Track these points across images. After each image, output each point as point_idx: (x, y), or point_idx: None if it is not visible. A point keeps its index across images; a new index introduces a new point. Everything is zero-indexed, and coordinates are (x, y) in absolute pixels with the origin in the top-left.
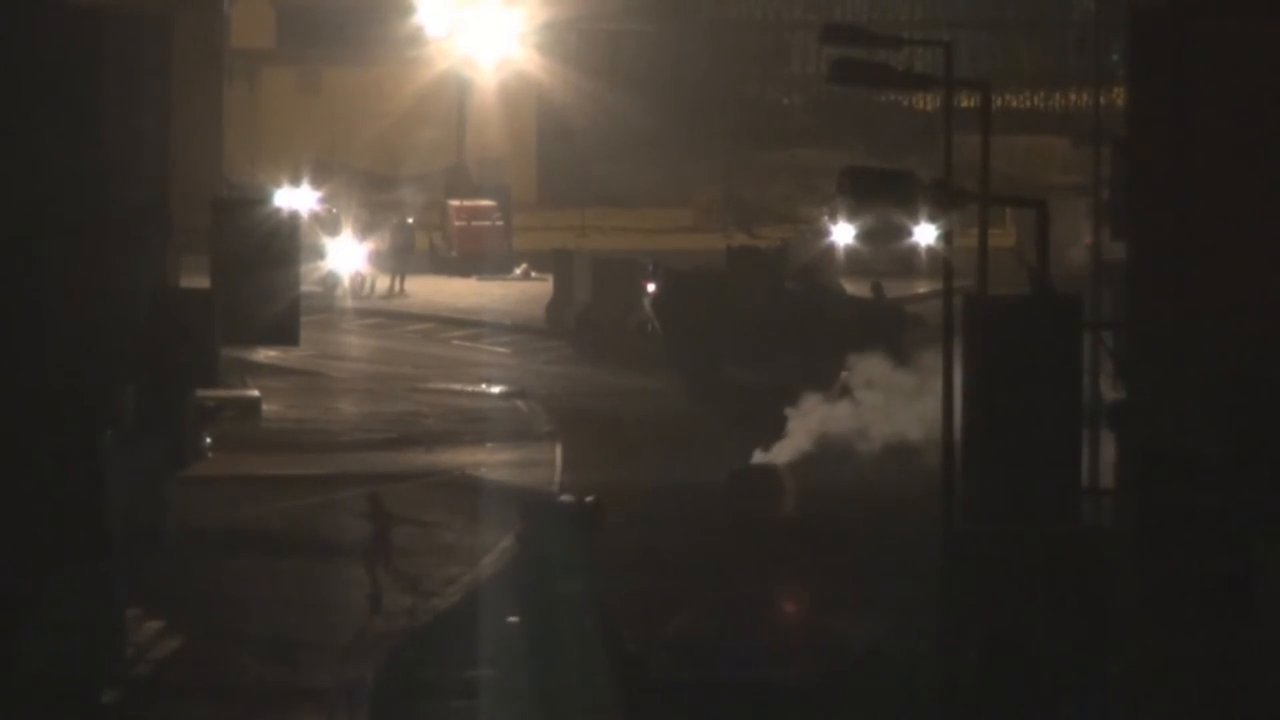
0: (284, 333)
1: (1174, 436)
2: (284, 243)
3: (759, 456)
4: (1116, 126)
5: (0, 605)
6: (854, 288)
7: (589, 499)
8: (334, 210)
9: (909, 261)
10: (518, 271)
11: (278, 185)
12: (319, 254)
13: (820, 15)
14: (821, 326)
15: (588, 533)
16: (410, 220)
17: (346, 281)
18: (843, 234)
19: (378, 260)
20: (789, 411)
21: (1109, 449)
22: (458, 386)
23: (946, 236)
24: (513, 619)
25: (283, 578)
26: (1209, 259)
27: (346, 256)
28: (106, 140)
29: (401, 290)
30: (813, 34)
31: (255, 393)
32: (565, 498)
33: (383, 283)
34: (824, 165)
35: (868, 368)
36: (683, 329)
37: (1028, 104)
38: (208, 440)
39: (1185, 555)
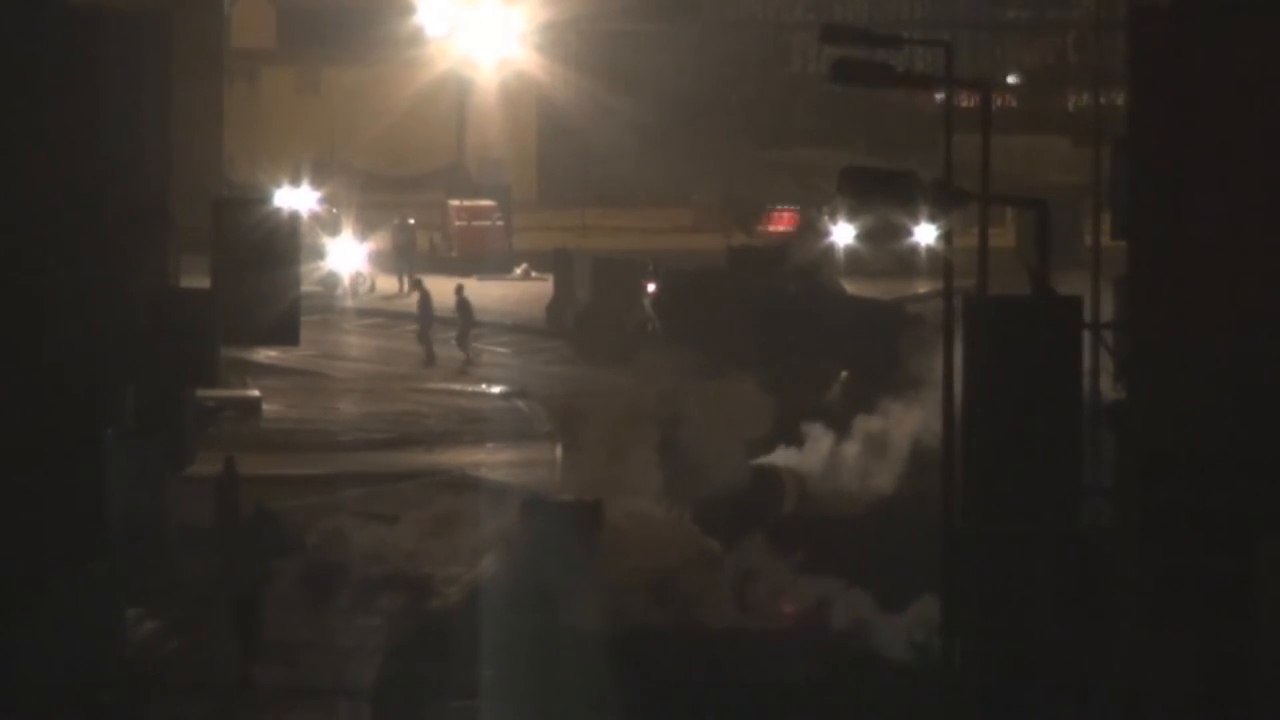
0: (284, 333)
1: (1174, 436)
2: (284, 243)
3: (764, 457)
4: (1116, 126)
5: (1, 605)
6: (854, 287)
7: (590, 499)
8: (334, 210)
9: (909, 261)
10: (518, 271)
11: (278, 185)
12: (319, 254)
13: (821, 15)
14: (821, 326)
15: (589, 533)
16: (411, 220)
17: (347, 281)
18: (843, 234)
19: (379, 260)
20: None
21: (1109, 449)
22: (458, 386)
23: (946, 236)
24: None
25: (282, 577)
26: (1209, 258)
27: (346, 256)
28: (106, 140)
29: (409, 290)
30: (813, 34)
31: (255, 393)
32: (566, 498)
33: (385, 283)
34: (824, 165)
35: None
36: (683, 329)
37: (1028, 104)
38: None
39: (1185, 555)
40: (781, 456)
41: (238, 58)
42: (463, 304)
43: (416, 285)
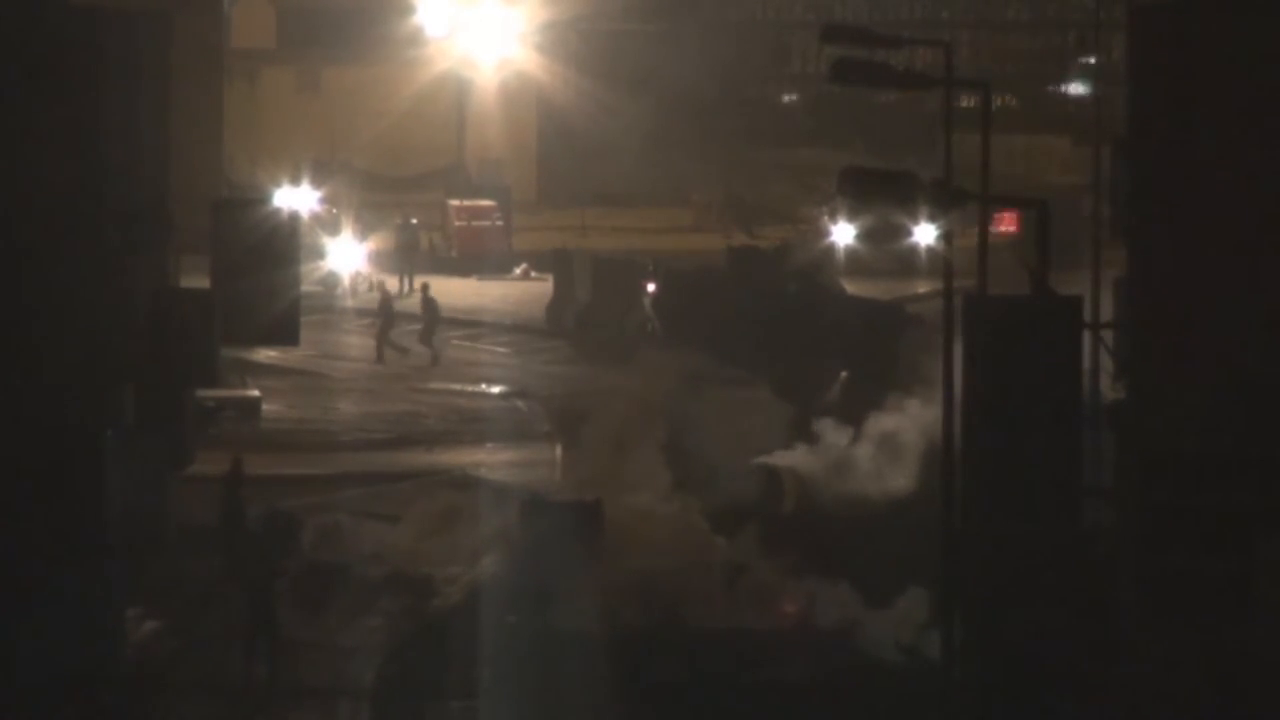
0: (284, 333)
1: (1174, 436)
2: (284, 243)
3: (764, 456)
4: (1116, 126)
5: (1, 605)
6: (854, 287)
7: (590, 499)
8: (334, 210)
9: (909, 261)
10: (518, 271)
11: (278, 185)
12: (319, 254)
13: (820, 15)
14: (821, 326)
15: (589, 533)
16: (414, 220)
17: (346, 281)
18: (843, 234)
19: (379, 260)
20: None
21: (1109, 449)
22: (458, 386)
23: (946, 236)
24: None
25: (282, 577)
26: (1209, 258)
27: (346, 256)
28: (106, 140)
29: (411, 290)
30: (813, 34)
31: (255, 393)
32: (566, 498)
33: (387, 283)
34: (824, 165)
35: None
36: (683, 329)
37: (1028, 104)
38: None
39: (1185, 555)
40: (781, 456)
41: (238, 58)
42: (428, 302)
43: (379, 286)
